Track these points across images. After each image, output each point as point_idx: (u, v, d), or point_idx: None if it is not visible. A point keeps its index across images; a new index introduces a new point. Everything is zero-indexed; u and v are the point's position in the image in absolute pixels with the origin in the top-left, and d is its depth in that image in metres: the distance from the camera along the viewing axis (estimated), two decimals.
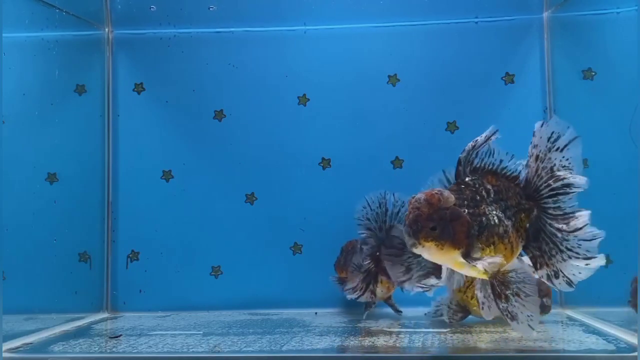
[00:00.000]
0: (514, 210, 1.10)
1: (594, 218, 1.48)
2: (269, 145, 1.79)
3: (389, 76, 1.79)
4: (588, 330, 1.38)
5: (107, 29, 1.84)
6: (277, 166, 1.79)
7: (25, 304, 1.47)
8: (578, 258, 1.09)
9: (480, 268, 1.06)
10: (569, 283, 1.10)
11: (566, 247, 1.09)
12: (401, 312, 1.61)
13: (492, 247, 1.07)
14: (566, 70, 1.70)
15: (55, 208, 1.62)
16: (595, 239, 1.08)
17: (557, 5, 1.72)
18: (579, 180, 1.09)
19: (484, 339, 1.27)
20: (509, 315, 1.10)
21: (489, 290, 1.13)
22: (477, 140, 1.11)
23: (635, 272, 1.21)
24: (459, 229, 1.04)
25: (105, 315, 1.75)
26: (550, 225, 1.11)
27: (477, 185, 1.10)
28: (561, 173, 1.09)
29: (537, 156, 1.10)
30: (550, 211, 1.09)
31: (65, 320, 1.57)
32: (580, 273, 1.10)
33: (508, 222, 1.09)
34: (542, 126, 1.10)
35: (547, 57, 1.76)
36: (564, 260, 1.10)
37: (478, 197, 1.08)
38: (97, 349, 1.28)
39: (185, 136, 1.82)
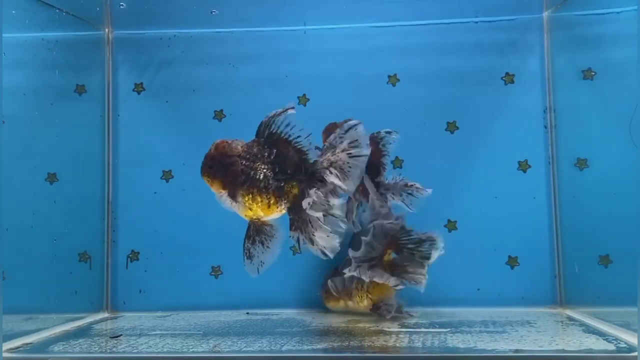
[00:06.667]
0: (287, 176, 1.28)
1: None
2: None
3: (389, 76, 1.79)
4: (588, 330, 1.38)
5: (107, 29, 1.84)
6: None
7: (25, 304, 1.47)
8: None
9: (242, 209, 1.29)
10: (324, 253, 1.25)
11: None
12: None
13: (250, 196, 1.28)
14: (566, 70, 1.70)
15: (55, 208, 1.62)
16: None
17: (557, 5, 1.72)
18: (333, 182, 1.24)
19: (483, 339, 1.27)
20: (248, 254, 1.32)
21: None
22: (276, 111, 1.28)
23: (636, 272, 1.21)
24: (229, 175, 1.29)
25: (105, 315, 1.75)
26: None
27: (265, 146, 1.29)
28: (328, 171, 1.24)
29: (328, 146, 1.28)
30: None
31: (65, 320, 1.58)
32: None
33: (273, 182, 1.27)
34: (353, 127, 1.30)
35: (547, 57, 1.76)
36: (316, 229, 1.24)
37: (259, 155, 1.28)
38: (97, 349, 1.28)
39: (185, 136, 1.82)
